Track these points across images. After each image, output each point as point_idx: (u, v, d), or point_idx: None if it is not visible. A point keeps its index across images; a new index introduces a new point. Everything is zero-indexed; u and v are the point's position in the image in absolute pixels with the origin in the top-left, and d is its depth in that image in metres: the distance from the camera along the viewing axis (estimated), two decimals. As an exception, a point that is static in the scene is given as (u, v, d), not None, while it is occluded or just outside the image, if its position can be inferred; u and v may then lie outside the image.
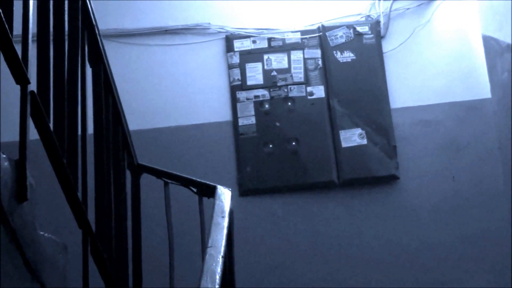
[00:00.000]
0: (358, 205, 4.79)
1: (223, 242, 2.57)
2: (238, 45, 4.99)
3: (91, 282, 2.35)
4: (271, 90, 4.93)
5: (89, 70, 2.69)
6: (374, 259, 4.69)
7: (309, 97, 4.92)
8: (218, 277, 2.30)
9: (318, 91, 4.93)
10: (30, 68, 1.88)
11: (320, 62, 4.98)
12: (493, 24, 4.75)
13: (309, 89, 4.93)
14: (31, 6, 1.94)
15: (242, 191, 4.76)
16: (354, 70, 4.96)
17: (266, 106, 4.90)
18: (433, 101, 4.97)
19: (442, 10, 5.10)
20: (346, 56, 4.98)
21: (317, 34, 5.01)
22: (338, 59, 4.98)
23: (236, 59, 4.97)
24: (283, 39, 5.01)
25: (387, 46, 5.04)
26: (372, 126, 4.86)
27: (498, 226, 4.69)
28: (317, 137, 4.85)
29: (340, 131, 4.85)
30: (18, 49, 1.81)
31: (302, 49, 4.99)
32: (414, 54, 5.05)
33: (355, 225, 4.76)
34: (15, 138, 1.83)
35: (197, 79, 4.96)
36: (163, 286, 3.47)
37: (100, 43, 2.79)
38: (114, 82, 3.02)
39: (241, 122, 4.87)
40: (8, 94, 2.85)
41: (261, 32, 5.02)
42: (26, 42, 1.88)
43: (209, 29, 5.03)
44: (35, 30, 2.04)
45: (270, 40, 5.01)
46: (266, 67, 4.97)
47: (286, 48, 5.00)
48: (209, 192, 3.21)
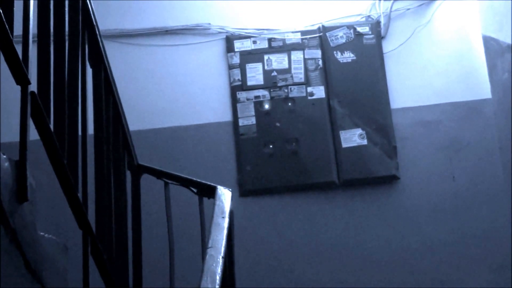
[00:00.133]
0: (358, 205, 4.79)
1: (223, 243, 2.57)
2: (239, 45, 4.99)
3: (91, 282, 2.35)
4: (272, 90, 4.93)
5: (89, 71, 2.69)
6: (374, 259, 4.69)
7: (309, 97, 4.92)
8: (218, 277, 2.31)
9: (319, 92, 4.93)
10: (30, 68, 1.87)
11: (320, 62, 4.98)
12: (493, 24, 4.75)
13: (309, 89, 4.93)
14: (32, 6, 1.94)
15: (242, 192, 4.76)
16: (354, 70, 4.96)
17: (266, 106, 4.90)
18: (433, 101, 4.97)
19: (443, 10, 5.10)
20: (347, 56, 4.98)
21: (317, 35, 5.01)
22: (339, 60, 4.97)
23: (236, 60, 4.97)
24: (284, 40, 5.01)
25: (388, 46, 5.04)
26: (372, 126, 4.86)
27: (498, 226, 4.69)
28: (317, 137, 4.85)
29: (340, 132, 4.85)
30: (19, 49, 1.81)
31: (303, 49, 4.99)
32: (415, 55, 5.05)
33: (355, 225, 4.76)
34: (16, 138, 1.83)
35: (197, 80, 4.96)
36: (163, 287, 3.47)
37: (100, 44, 2.79)
38: (114, 82, 3.02)
39: (241, 122, 4.87)
40: (8, 94, 2.85)
41: (261, 32, 5.02)
42: (27, 43, 1.88)
43: (209, 29, 5.03)
44: (36, 31, 2.04)
45: (270, 40, 5.01)
46: (266, 68, 4.96)
47: (286, 48, 5.00)
48: (209, 192, 3.21)
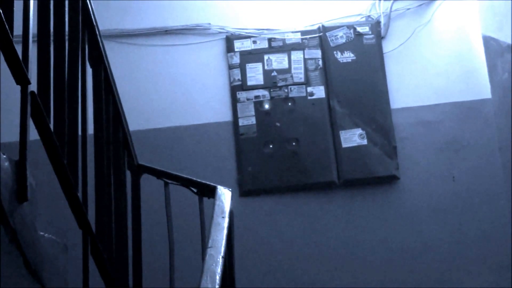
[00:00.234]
0: (358, 205, 4.79)
1: (223, 243, 2.57)
2: (239, 45, 4.99)
3: (91, 282, 2.35)
4: (272, 90, 4.93)
5: (89, 71, 2.69)
6: (374, 259, 4.69)
7: (309, 97, 4.92)
8: (218, 277, 2.31)
9: (319, 92, 4.93)
10: (30, 68, 1.88)
11: (320, 62, 4.98)
12: (493, 24, 4.76)
13: (309, 89, 4.93)
14: (32, 6, 1.94)
15: (242, 192, 4.76)
16: (354, 70, 4.96)
17: (266, 106, 4.90)
18: (433, 101, 4.97)
19: (443, 10, 5.10)
20: (347, 56, 4.98)
21: (317, 35, 5.01)
22: (339, 60, 4.97)
23: (236, 60, 4.97)
24: (284, 40, 5.01)
25: (388, 46, 5.04)
26: (372, 126, 4.86)
27: (498, 226, 4.69)
28: (317, 137, 4.85)
29: (340, 131, 4.85)
30: (19, 49, 1.81)
31: (303, 49, 4.99)
32: (415, 55, 5.05)
33: (355, 225, 4.76)
34: (16, 138, 1.83)
35: (197, 79, 4.96)
36: (163, 286, 3.47)
37: (100, 44, 2.79)
38: (114, 82, 3.02)
39: (241, 122, 4.87)
40: (8, 94, 2.85)
41: (261, 32, 5.02)
42: (27, 43, 1.88)
43: (209, 29, 5.03)
44: (36, 31, 2.04)
45: (270, 40, 5.01)
46: (266, 68, 4.96)
47: (286, 48, 5.00)
48: (209, 192, 3.21)
